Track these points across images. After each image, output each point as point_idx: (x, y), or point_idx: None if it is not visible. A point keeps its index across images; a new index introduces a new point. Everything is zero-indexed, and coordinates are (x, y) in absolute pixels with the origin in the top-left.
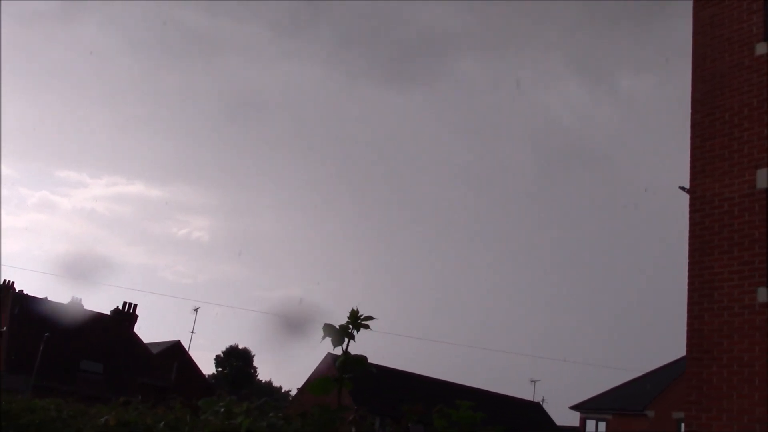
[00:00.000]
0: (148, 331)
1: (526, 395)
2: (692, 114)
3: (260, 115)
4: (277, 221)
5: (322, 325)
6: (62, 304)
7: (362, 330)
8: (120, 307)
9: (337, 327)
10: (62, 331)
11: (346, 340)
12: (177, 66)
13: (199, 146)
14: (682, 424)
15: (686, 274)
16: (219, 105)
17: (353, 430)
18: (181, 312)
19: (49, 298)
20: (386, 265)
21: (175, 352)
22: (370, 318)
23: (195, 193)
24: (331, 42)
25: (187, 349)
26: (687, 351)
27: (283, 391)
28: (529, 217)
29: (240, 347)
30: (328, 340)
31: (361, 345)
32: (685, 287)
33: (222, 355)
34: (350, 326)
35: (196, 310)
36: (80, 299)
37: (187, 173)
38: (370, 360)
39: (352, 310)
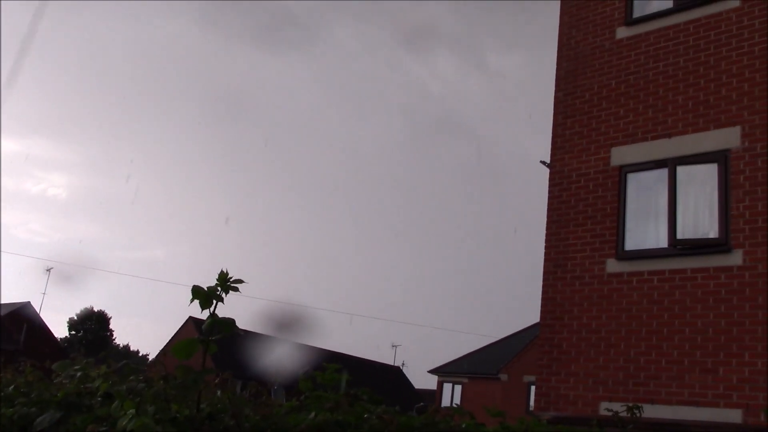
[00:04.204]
0: None
1: (388, 360)
2: (555, 92)
3: (129, 70)
4: (139, 180)
5: (191, 287)
6: None
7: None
8: None
9: (206, 289)
10: None
11: (215, 302)
12: (33, 14)
13: (58, 99)
14: (533, 387)
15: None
16: (84, 57)
17: (219, 393)
18: (34, 273)
19: None
20: (251, 229)
21: (25, 314)
22: (239, 281)
23: (53, 148)
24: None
25: (38, 311)
26: (541, 318)
27: (141, 355)
28: (395, 184)
29: (96, 309)
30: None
31: (229, 310)
32: (542, 257)
33: (76, 318)
34: (219, 289)
35: (48, 270)
36: None
37: (44, 127)
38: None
39: (221, 271)
